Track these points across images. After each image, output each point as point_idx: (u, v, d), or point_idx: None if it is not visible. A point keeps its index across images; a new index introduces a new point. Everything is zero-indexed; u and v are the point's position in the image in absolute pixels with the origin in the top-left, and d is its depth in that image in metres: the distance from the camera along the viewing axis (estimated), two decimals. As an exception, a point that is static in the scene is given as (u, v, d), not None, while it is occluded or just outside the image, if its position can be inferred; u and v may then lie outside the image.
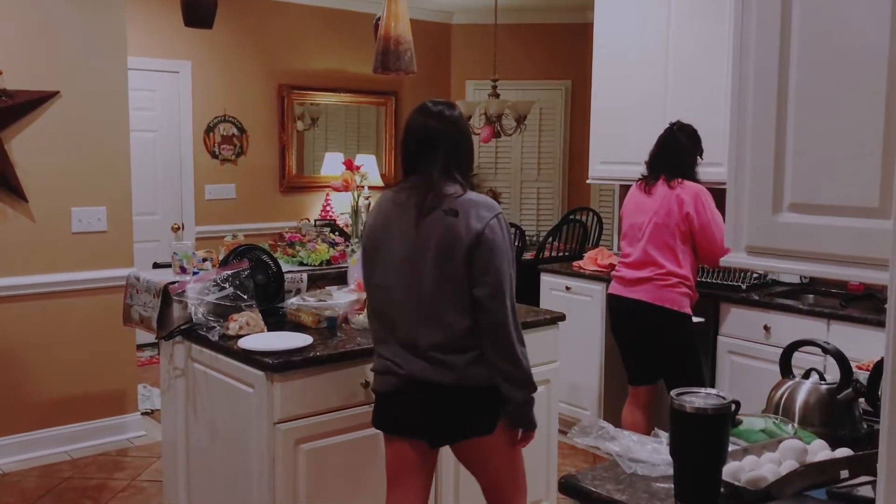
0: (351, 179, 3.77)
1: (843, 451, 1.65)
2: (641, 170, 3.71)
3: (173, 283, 3.04)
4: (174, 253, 3.27)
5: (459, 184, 2.34)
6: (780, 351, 2.09)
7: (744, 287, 3.93)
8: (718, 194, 2.77)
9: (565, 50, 7.55)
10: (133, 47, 4.94)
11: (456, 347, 2.29)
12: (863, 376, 1.96)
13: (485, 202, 2.33)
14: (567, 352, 3.84)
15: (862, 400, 1.92)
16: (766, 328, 3.71)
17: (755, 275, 4.02)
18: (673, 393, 1.58)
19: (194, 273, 3.15)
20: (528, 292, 2.93)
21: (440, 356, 2.29)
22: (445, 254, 2.27)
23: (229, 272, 2.98)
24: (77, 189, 4.23)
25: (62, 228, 4.21)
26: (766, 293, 3.89)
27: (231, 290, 2.94)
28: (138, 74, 5.65)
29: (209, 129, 6.62)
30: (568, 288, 4.56)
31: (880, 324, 3.30)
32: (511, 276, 2.30)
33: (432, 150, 2.35)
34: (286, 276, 3.19)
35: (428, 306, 2.29)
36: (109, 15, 4.27)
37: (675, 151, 3.60)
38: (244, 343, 2.73)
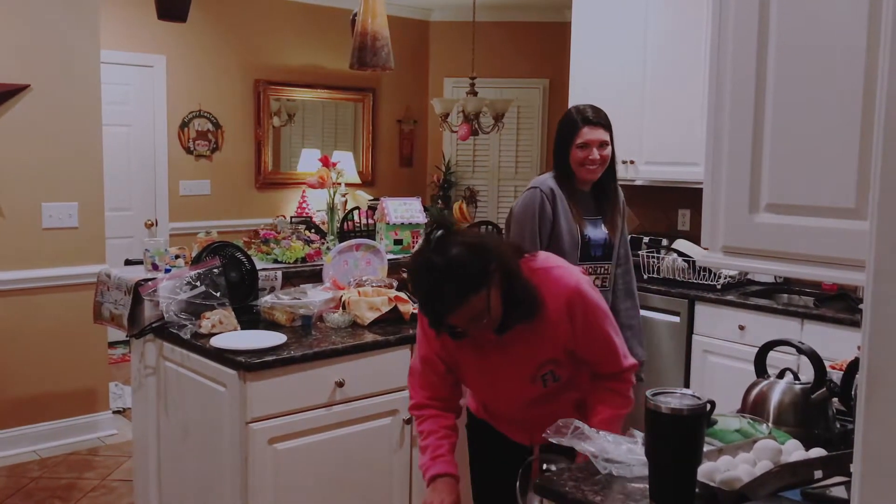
0: (327, 176, 3.74)
1: (818, 451, 1.65)
2: (619, 169, 3.67)
3: (144, 280, 3.00)
4: (146, 250, 3.22)
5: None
6: (755, 350, 2.09)
7: (718, 286, 3.95)
8: (696, 194, 2.76)
9: (543, 48, 7.55)
10: (106, 40, 4.87)
11: None
12: (836, 376, 1.97)
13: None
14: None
15: (835, 400, 1.93)
16: (741, 327, 3.72)
17: (730, 274, 4.04)
18: (648, 393, 1.57)
19: (167, 270, 3.10)
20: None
21: None
22: None
23: (202, 270, 2.94)
24: (48, 184, 4.16)
25: (32, 224, 4.14)
26: (740, 293, 3.90)
27: (203, 287, 2.90)
28: (112, 68, 5.57)
29: (184, 125, 6.55)
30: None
31: (853, 323, 3.33)
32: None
33: None
34: (260, 273, 3.16)
35: None
36: (82, 7, 4.19)
37: None
38: (216, 341, 2.69)
